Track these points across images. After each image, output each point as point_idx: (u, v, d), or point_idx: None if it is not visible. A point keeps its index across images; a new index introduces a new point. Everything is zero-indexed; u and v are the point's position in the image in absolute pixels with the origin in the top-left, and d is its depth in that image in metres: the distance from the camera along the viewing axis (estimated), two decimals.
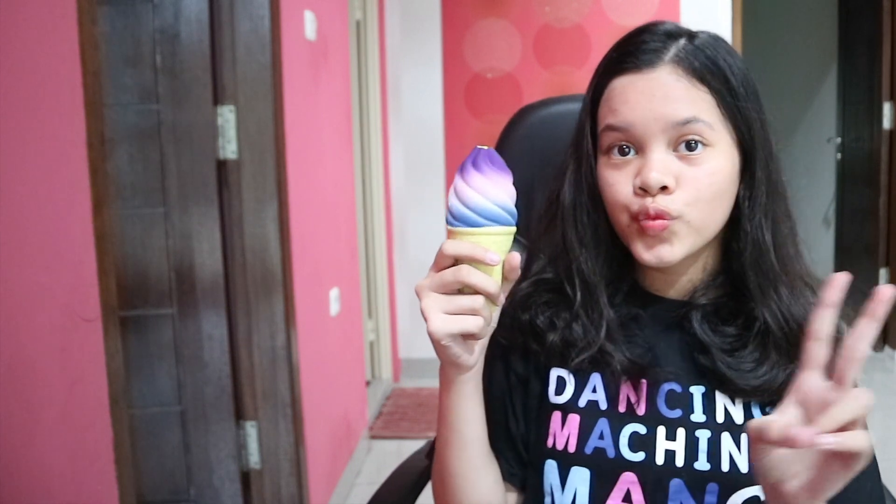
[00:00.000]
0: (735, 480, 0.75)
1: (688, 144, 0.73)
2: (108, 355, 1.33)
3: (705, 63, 0.75)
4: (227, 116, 1.94)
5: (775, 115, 0.79)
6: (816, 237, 5.30)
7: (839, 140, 4.71)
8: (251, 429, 2.05)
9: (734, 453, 0.76)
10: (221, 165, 1.96)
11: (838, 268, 4.84)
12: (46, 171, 1.20)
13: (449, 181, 3.89)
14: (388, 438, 3.04)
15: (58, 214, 1.22)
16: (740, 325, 0.78)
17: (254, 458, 2.06)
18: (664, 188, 0.73)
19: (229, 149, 1.95)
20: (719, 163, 0.74)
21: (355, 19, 3.23)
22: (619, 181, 0.76)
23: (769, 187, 0.77)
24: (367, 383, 3.37)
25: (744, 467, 0.75)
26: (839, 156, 4.73)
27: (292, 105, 2.11)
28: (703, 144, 0.74)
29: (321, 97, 2.47)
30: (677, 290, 0.82)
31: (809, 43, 5.41)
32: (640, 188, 0.74)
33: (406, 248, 3.77)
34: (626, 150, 0.76)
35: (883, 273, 3.89)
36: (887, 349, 3.86)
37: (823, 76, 5.33)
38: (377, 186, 3.49)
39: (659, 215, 0.73)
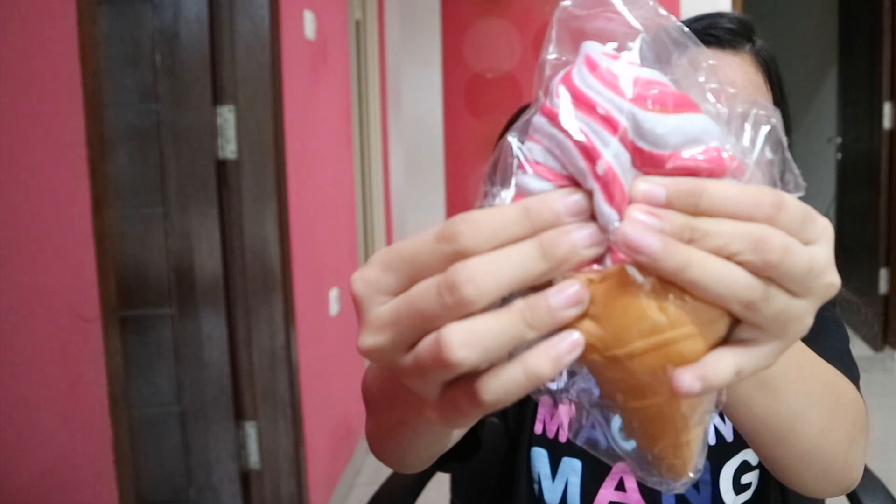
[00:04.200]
0: (723, 452, 0.76)
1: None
2: (107, 355, 1.33)
3: (775, 70, 0.74)
4: (226, 116, 1.94)
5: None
6: None
7: (839, 140, 4.71)
8: (251, 429, 2.05)
9: (719, 425, 0.77)
10: (221, 165, 1.96)
11: (838, 268, 4.83)
12: (46, 171, 1.20)
13: (449, 181, 3.91)
14: None
15: (58, 214, 1.22)
16: None
17: (253, 459, 2.06)
18: None
19: (229, 149, 1.95)
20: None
21: (355, 19, 3.23)
22: None
23: None
24: None
25: (729, 437, 0.76)
26: (839, 156, 4.73)
27: (292, 105, 2.11)
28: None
29: (321, 97, 2.47)
30: None
31: (809, 43, 5.41)
32: None
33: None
34: None
35: (883, 273, 3.89)
36: (887, 349, 3.86)
37: (823, 76, 5.33)
38: (377, 186, 3.49)
39: None
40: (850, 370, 0.71)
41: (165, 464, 2.00)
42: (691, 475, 0.37)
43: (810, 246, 0.32)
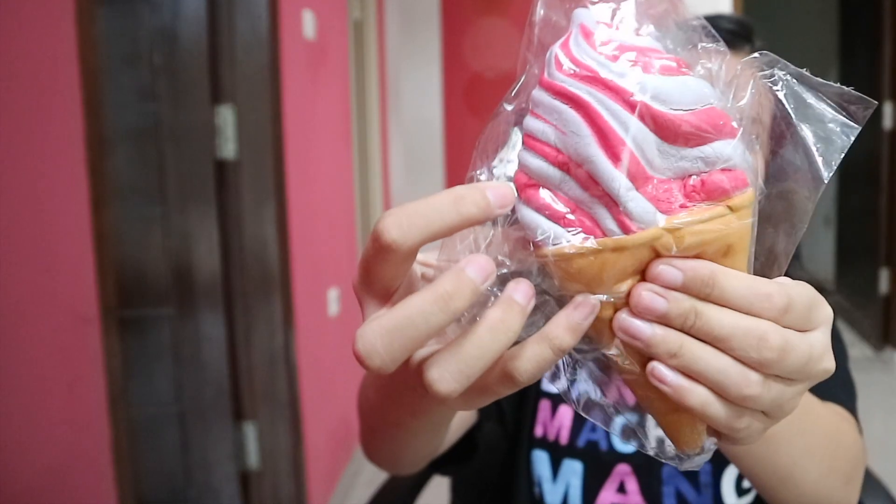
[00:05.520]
0: (724, 456, 0.76)
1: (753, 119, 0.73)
2: (106, 355, 1.33)
3: None
4: (225, 116, 1.94)
5: None
6: (816, 237, 5.30)
7: None
8: (250, 429, 2.05)
9: None
10: (220, 165, 1.95)
11: (838, 268, 4.83)
12: (45, 171, 1.19)
13: (449, 181, 3.91)
14: None
15: (57, 214, 1.22)
16: None
17: (253, 459, 2.06)
18: None
19: (228, 149, 1.95)
20: (762, 163, 0.72)
21: (354, 19, 3.22)
22: None
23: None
24: None
25: None
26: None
27: (291, 105, 2.11)
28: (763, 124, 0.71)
29: (320, 97, 2.47)
30: None
31: (809, 43, 5.41)
32: None
33: None
34: None
35: (883, 273, 3.89)
36: (887, 349, 3.85)
37: (823, 76, 5.32)
38: (376, 186, 3.49)
39: None
40: (847, 390, 0.72)
41: (164, 464, 2.00)
42: (706, 447, 0.37)
43: (810, 333, 0.33)
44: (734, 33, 0.73)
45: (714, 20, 0.74)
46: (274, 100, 1.97)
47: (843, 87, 0.35)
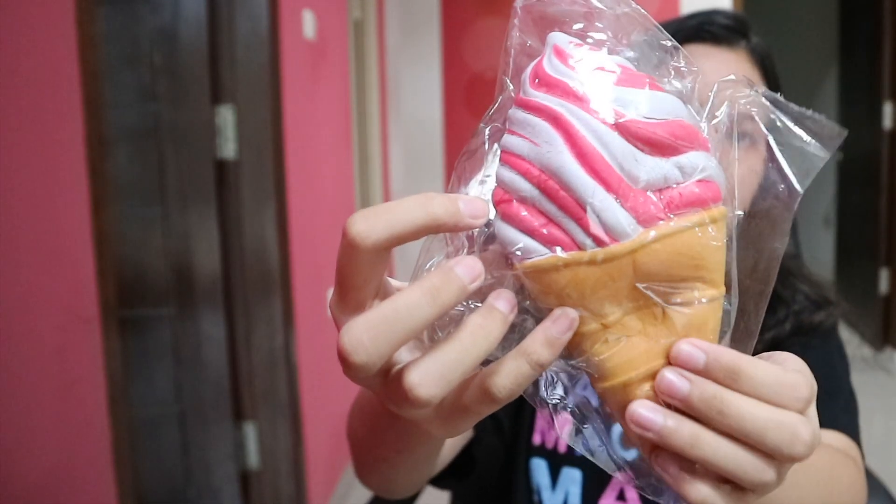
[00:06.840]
0: None
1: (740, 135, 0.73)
2: (106, 356, 1.33)
3: (771, 67, 0.75)
4: (225, 116, 1.94)
5: None
6: (816, 237, 5.30)
7: None
8: (250, 429, 2.05)
9: None
10: (220, 165, 1.95)
11: (838, 268, 4.83)
12: (45, 171, 1.19)
13: (449, 180, 3.88)
14: None
15: (57, 214, 1.22)
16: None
17: (253, 459, 2.06)
18: None
19: (228, 148, 1.95)
20: (759, 162, 0.72)
21: (354, 19, 3.22)
22: None
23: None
24: None
25: None
26: (839, 156, 4.73)
27: (291, 105, 2.11)
28: (753, 140, 0.71)
29: (320, 97, 2.47)
30: None
31: (809, 43, 5.41)
32: None
33: (405, 248, 3.77)
34: None
35: (883, 273, 3.88)
36: (887, 349, 3.85)
37: (823, 76, 5.33)
38: (376, 186, 3.48)
39: None
40: (849, 412, 0.72)
41: (165, 464, 2.00)
42: None
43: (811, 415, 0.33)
44: (730, 28, 0.73)
45: (710, 15, 0.74)
46: (274, 100, 1.97)
47: (816, 114, 0.35)
